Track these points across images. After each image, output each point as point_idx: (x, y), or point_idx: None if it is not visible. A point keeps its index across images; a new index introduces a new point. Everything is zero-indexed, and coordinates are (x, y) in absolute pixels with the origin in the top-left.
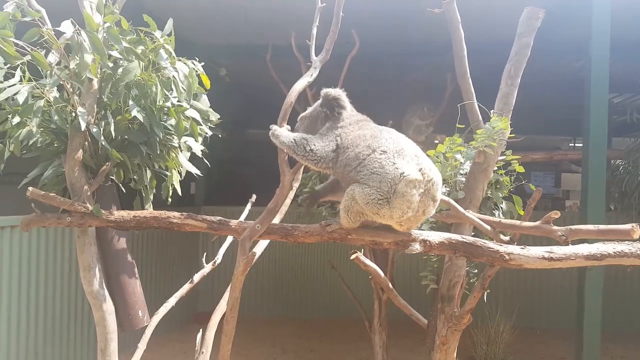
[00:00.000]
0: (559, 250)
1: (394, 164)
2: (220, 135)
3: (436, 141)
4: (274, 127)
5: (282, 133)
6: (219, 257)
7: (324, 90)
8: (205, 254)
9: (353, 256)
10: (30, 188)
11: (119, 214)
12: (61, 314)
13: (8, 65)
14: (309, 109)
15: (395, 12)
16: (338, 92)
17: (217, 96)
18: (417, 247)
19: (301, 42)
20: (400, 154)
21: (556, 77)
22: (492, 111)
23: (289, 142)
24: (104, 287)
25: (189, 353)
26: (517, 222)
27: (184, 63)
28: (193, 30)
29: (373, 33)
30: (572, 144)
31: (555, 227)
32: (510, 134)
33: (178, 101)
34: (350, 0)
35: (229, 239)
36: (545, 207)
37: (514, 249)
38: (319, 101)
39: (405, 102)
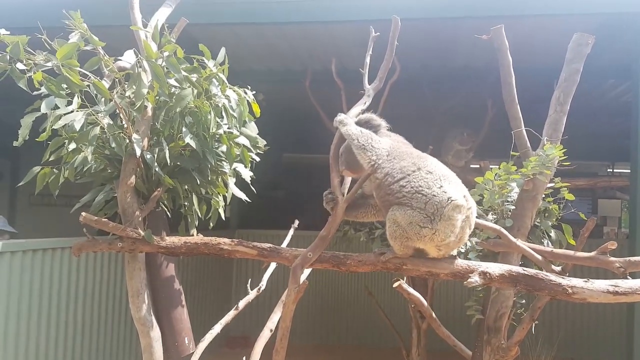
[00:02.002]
0: (624, 284)
1: (441, 186)
2: (257, 159)
3: (473, 165)
4: (342, 115)
5: (350, 122)
6: (263, 284)
7: (357, 118)
8: (250, 280)
9: (396, 284)
10: (83, 213)
11: (170, 240)
12: (104, 339)
13: (69, 91)
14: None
15: (435, 38)
16: (369, 116)
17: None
18: (476, 279)
19: (340, 68)
20: (446, 178)
21: (595, 102)
22: (545, 138)
23: (357, 131)
24: (152, 313)
25: None
26: (571, 252)
27: (234, 91)
28: (233, 56)
29: (413, 58)
30: (611, 170)
31: (613, 259)
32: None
33: (229, 128)
34: (390, 28)
35: (272, 264)
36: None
37: (577, 282)
38: None
39: (445, 127)
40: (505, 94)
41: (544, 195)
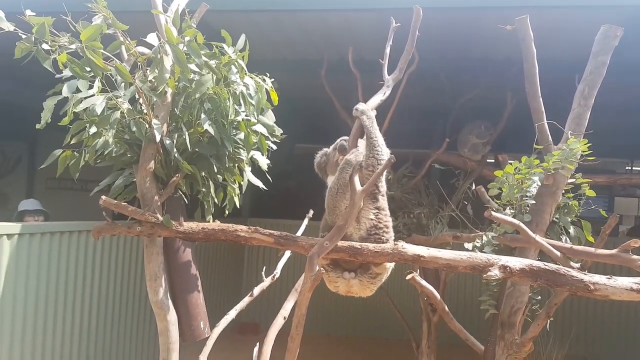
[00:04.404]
0: None
1: None
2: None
3: (489, 160)
4: (362, 105)
5: (373, 116)
6: (277, 272)
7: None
8: (263, 267)
9: (409, 276)
10: (103, 197)
11: (188, 225)
12: (120, 322)
13: (92, 75)
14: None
15: (456, 28)
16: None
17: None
18: (496, 273)
19: (355, 58)
20: None
21: (617, 97)
22: (568, 132)
23: (380, 134)
24: (169, 297)
25: None
26: (591, 249)
27: (253, 78)
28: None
29: (432, 49)
30: (630, 167)
31: (635, 257)
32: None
33: (246, 115)
34: (408, 17)
35: (287, 253)
36: (597, 231)
37: (600, 278)
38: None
39: (462, 119)
40: (528, 87)
41: (563, 191)
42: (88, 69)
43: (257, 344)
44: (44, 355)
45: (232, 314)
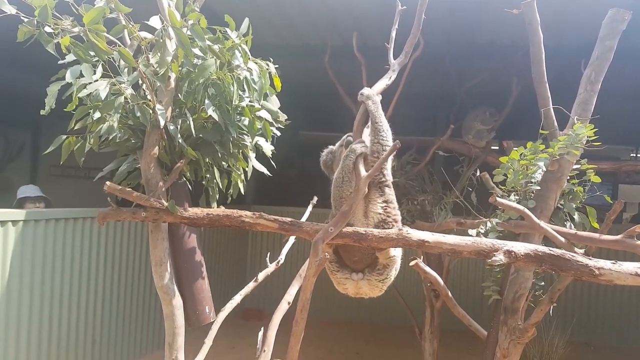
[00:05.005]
0: None
1: None
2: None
3: (493, 147)
4: (368, 89)
5: (379, 102)
6: (282, 258)
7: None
8: (269, 253)
9: (412, 262)
10: (107, 182)
11: (192, 211)
12: (125, 306)
13: (95, 59)
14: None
15: (461, 12)
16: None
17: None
18: (500, 258)
19: (359, 43)
20: None
21: (623, 83)
22: (575, 117)
23: (385, 119)
24: (174, 282)
25: (238, 348)
26: (596, 235)
27: (256, 63)
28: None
29: (437, 34)
30: (634, 154)
31: None
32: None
33: (250, 101)
34: (414, 1)
35: (291, 239)
36: (601, 219)
37: (605, 263)
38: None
39: (467, 105)
40: (534, 72)
41: (568, 177)
42: (91, 52)
43: (262, 328)
44: (50, 339)
45: (236, 298)
